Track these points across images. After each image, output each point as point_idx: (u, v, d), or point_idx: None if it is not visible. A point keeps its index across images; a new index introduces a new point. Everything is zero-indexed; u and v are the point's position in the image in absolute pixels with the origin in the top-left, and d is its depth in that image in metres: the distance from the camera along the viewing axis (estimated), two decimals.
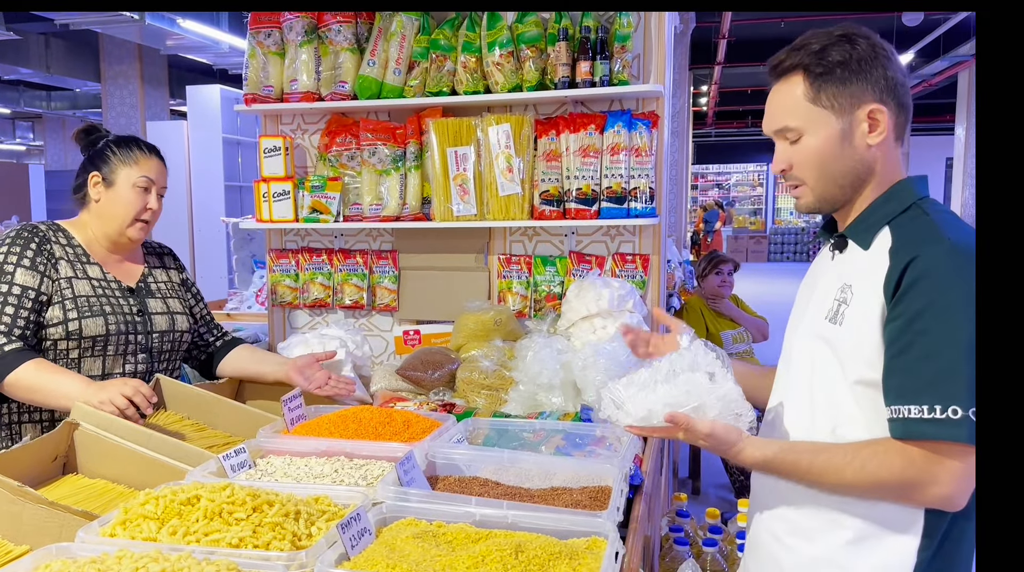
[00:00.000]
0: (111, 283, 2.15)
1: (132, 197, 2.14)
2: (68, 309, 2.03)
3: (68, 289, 2.05)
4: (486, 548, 1.26)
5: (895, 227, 1.38)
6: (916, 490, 1.29)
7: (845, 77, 1.37)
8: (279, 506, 1.33)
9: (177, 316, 2.25)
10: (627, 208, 2.64)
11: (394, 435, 1.82)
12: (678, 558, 2.45)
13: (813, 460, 1.35)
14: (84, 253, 2.14)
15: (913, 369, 1.27)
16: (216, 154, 8.75)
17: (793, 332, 1.57)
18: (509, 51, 2.65)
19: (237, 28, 8.30)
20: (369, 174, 2.86)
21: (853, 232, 1.44)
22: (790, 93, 1.42)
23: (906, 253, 1.31)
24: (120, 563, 1.16)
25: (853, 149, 1.40)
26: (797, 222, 21.74)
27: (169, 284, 2.31)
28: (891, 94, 1.38)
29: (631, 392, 1.42)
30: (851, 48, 1.37)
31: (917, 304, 1.27)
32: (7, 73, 11.25)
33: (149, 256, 2.34)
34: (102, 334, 2.06)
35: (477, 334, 2.61)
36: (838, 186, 1.42)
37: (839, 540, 1.40)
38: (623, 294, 2.54)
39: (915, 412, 1.26)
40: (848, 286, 1.40)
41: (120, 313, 2.10)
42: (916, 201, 1.40)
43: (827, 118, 1.39)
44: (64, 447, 1.72)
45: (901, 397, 1.28)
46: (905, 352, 1.28)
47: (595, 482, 1.61)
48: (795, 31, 1.51)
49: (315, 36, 2.84)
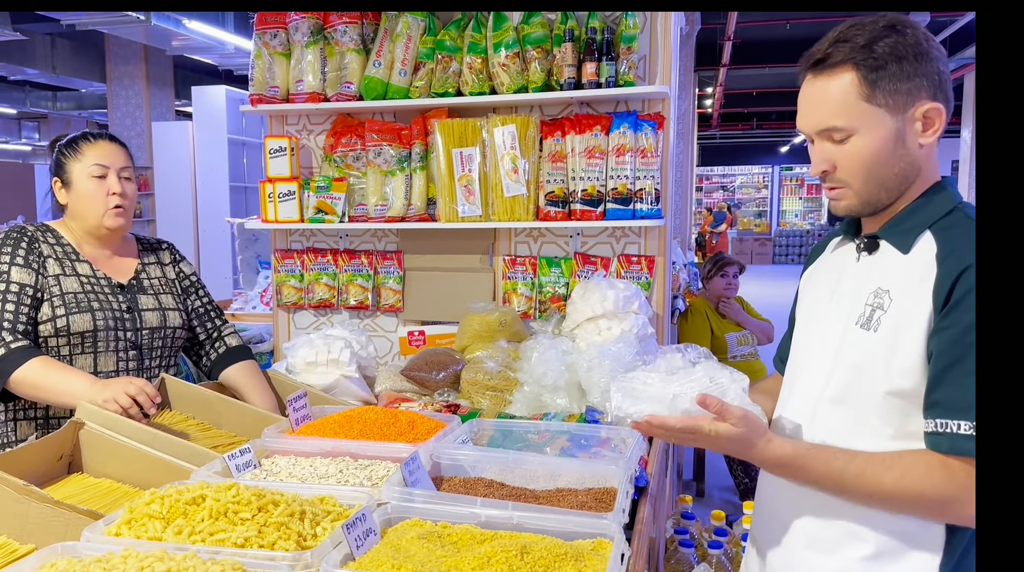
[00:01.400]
0: (100, 280, 2.14)
1: (91, 188, 2.12)
2: (56, 306, 2.03)
3: (56, 286, 2.06)
4: (491, 549, 1.26)
5: (938, 232, 1.30)
6: (954, 506, 1.23)
7: (900, 73, 1.27)
8: (284, 506, 1.33)
9: (169, 312, 2.23)
10: (632, 209, 2.64)
11: (399, 436, 1.82)
12: (683, 560, 2.44)
13: (849, 462, 1.28)
14: (73, 251, 2.14)
15: (965, 384, 1.20)
16: (221, 155, 8.79)
17: (808, 337, 1.49)
18: (515, 52, 2.65)
19: (243, 29, 8.31)
20: (374, 175, 2.86)
21: (889, 234, 1.35)
22: (838, 90, 1.30)
23: (957, 261, 1.24)
24: (125, 562, 1.16)
25: (906, 150, 1.30)
26: (802, 224, 21.71)
27: (162, 279, 2.29)
28: (942, 88, 1.30)
29: (650, 380, 1.35)
30: (902, 40, 1.27)
31: (971, 316, 1.20)
32: (13, 73, 11.29)
33: (144, 252, 2.31)
34: (90, 330, 2.05)
35: (482, 335, 2.60)
36: (885, 189, 1.33)
37: (857, 555, 1.34)
38: (628, 295, 2.53)
39: (965, 428, 1.19)
40: (885, 291, 1.32)
41: (108, 309, 2.10)
42: (957, 205, 1.32)
43: (882, 117, 1.29)
44: (70, 446, 1.72)
45: (950, 412, 1.21)
46: (956, 365, 1.21)
47: (600, 483, 1.60)
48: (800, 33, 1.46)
49: (321, 37, 2.85)
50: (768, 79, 13.66)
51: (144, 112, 10.49)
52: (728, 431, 1.28)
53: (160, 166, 9.47)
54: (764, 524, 1.55)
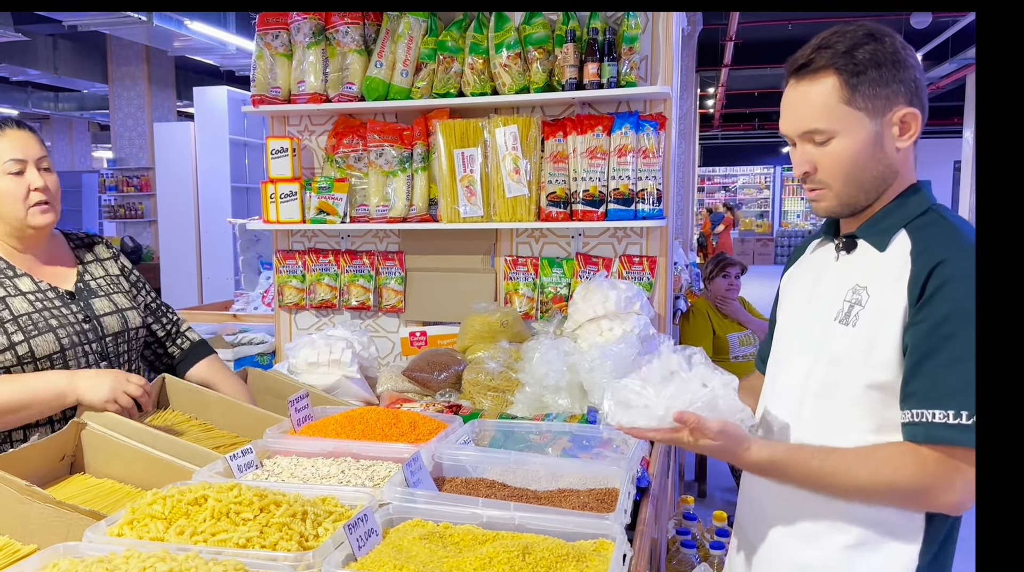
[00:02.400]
0: (47, 292, 1.94)
1: (9, 187, 1.88)
2: (11, 333, 1.83)
3: (4, 310, 1.85)
4: (493, 550, 1.26)
5: (913, 231, 1.36)
6: (929, 495, 1.28)
7: (879, 78, 1.33)
8: (286, 506, 1.33)
9: (127, 313, 2.06)
10: (634, 210, 2.64)
11: (401, 436, 1.82)
12: (685, 561, 2.44)
13: (824, 461, 1.33)
14: (8, 265, 1.93)
15: (939, 374, 1.25)
16: (223, 155, 8.80)
17: (788, 334, 1.54)
18: (516, 52, 2.65)
19: (244, 29, 8.32)
20: (376, 175, 2.86)
21: (866, 233, 1.41)
22: (820, 94, 1.35)
23: (931, 257, 1.29)
24: (127, 563, 1.16)
25: (884, 153, 1.36)
26: (804, 225, 21.68)
27: (107, 277, 2.10)
28: (918, 94, 1.36)
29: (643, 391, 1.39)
30: (881, 47, 1.33)
31: (944, 308, 1.25)
32: (15, 74, 11.31)
33: (79, 250, 2.12)
34: (57, 351, 1.88)
35: (483, 336, 2.60)
36: (864, 191, 1.39)
37: (838, 544, 1.39)
38: (630, 296, 2.53)
39: (940, 417, 1.24)
40: (863, 288, 1.37)
41: (68, 323, 1.91)
42: (932, 206, 1.39)
43: (861, 120, 1.34)
44: (71, 447, 1.72)
45: (925, 401, 1.26)
46: (930, 356, 1.26)
47: (602, 484, 1.60)
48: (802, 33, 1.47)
49: (323, 37, 2.85)
50: (770, 79, 13.66)
51: (146, 113, 10.51)
52: (707, 445, 1.35)
53: (162, 167, 9.48)
54: (748, 514, 1.59)
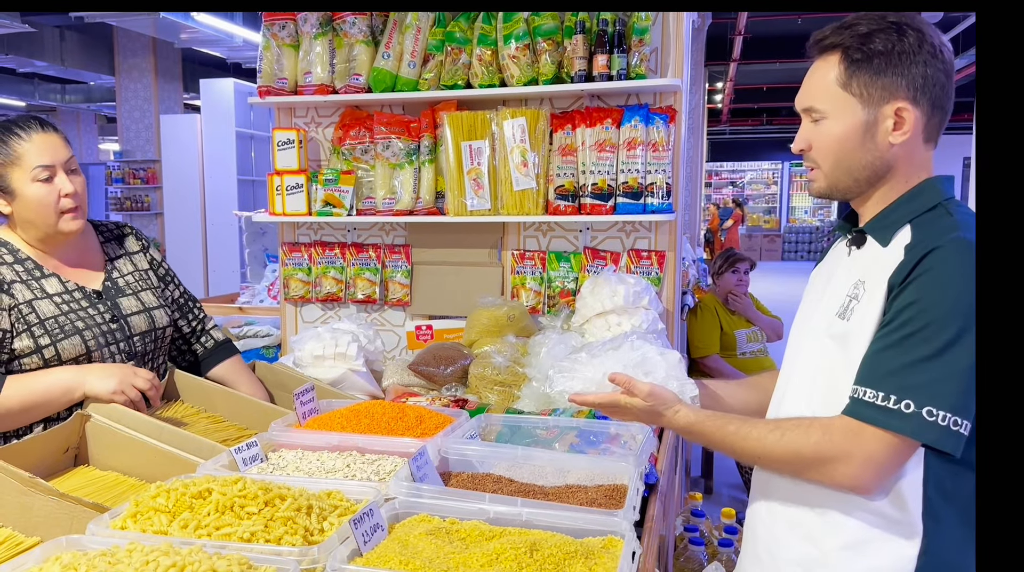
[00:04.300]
0: (74, 293, 1.93)
1: (39, 194, 1.85)
2: (38, 336, 1.83)
3: (31, 314, 1.84)
4: (500, 546, 1.25)
5: (917, 225, 1.34)
6: (828, 465, 1.29)
7: (880, 68, 1.32)
8: (291, 500, 1.32)
9: (154, 311, 2.06)
10: (643, 203, 2.62)
11: (407, 430, 1.80)
12: (693, 558, 2.42)
13: (740, 427, 1.38)
14: (36, 265, 1.92)
15: (882, 357, 1.27)
16: (229, 148, 8.80)
17: (801, 329, 1.54)
18: (525, 44, 2.63)
19: (251, 22, 8.31)
20: (383, 168, 2.84)
21: (873, 229, 1.41)
22: (823, 73, 1.38)
23: (921, 248, 1.28)
24: (131, 556, 1.15)
25: (874, 144, 1.35)
26: (812, 221, 21.60)
27: (136, 273, 2.09)
28: (926, 93, 1.33)
29: (584, 360, 1.51)
30: (897, 39, 1.32)
31: (911, 297, 1.26)
32: (22, 66, 11.32)
33: (108, 244, 2.09)
34: (84, 353, 1.88)
35: (490, 330, 2.59)
36: (852, 178, 1.39)
37: (837, 543, 1.38)
38: (638, 291, 2.51)
39: (869, 396, 1.27)
40: (862, 282, 1.37)
41: (94, 325, 1.91)
42: (942, 201, 1.36)
43: (853, 106, 1.35)
44: (76, 438, 1.71)
45: (864, 380, 1.29)
46: (882, 339, 1.28)
47: (610, 480, 1.58)
48: (812, 28, 1.47)
49: (330, 28, 2.83)
50: (778, 74, 13.60)
51: (152, 105, 10.52)
52: (639, 404, 1.44)
53: (168, 159, 9.49)
54: (755, 507, 1.59)
